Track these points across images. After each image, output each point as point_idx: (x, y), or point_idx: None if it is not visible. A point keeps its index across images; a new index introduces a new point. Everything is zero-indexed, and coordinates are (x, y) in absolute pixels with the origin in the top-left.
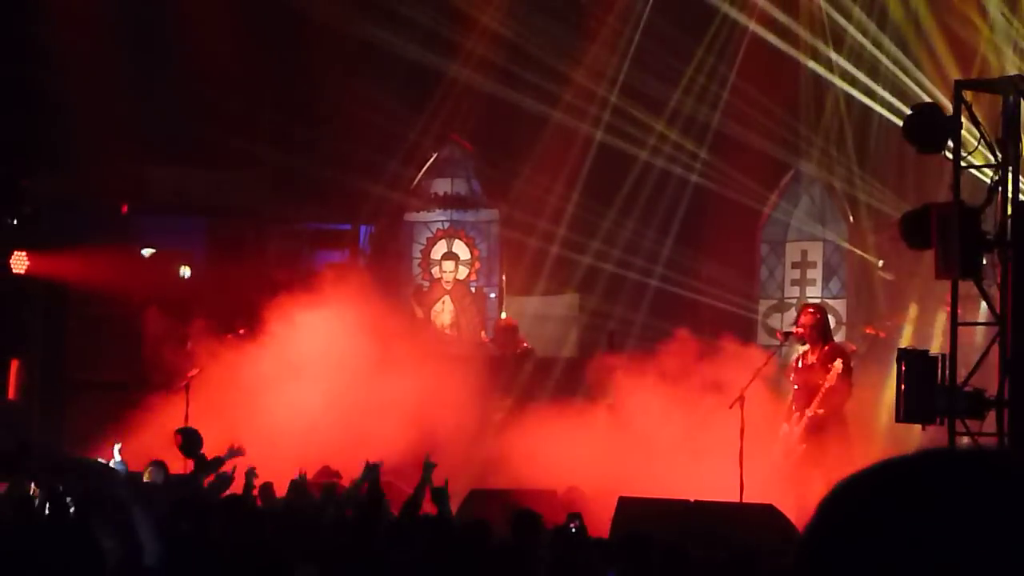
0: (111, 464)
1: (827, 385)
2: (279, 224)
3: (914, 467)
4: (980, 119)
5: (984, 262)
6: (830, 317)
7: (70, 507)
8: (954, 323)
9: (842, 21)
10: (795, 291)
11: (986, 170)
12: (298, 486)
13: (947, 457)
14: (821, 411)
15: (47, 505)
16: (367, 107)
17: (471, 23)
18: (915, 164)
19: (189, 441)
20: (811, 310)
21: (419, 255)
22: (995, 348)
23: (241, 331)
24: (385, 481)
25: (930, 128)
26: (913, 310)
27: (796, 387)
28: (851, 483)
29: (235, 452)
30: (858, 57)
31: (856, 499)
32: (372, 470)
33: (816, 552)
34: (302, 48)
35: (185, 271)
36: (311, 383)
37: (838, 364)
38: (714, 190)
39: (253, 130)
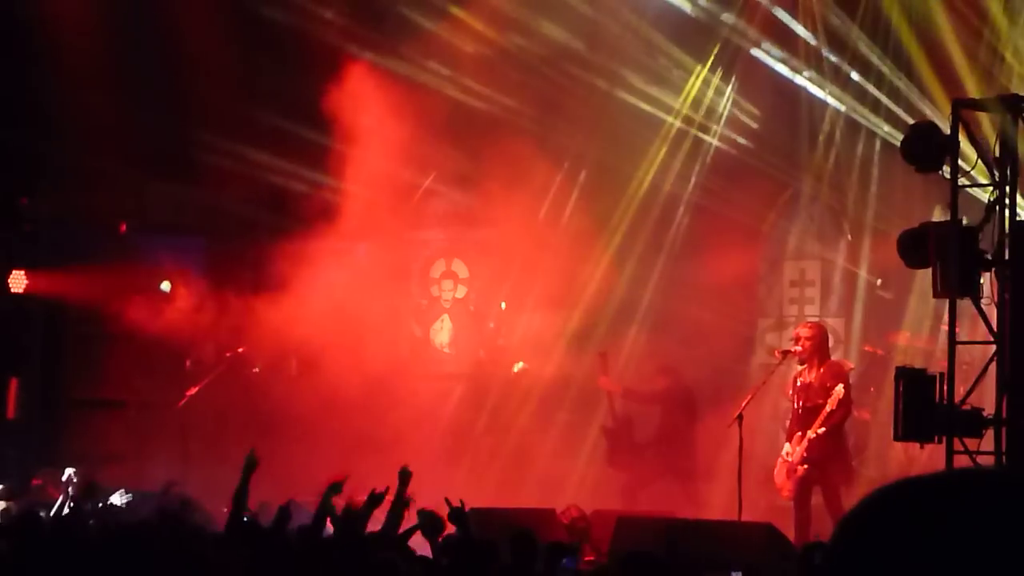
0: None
1: (828, 409)
2: (278, 243)
3: (939, 486)
4: (978, 138)
5: (982, 281)
6: (829, 336)
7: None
8: (951, 342)
9: (841, 39)
10: (793, 309)
11: (984, 189)
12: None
13: (972, 477)
14: (822, 430)
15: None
16: (367, 126)
17: (470, 40)
18: (913, 183)
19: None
20: (810, 327)
21: (418, 274)
22: (992, 366)
23: (240, 349)
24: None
25: (928, 147)
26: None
27: (796, 406)
28: (877, 499)
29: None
30: (857, 75)
31: (882, 516)
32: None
33: (843, 563)
34: (301, 64)
35: (166, 285)
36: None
37: (839, 390)
38: (712, 208)
39: (251, 148)
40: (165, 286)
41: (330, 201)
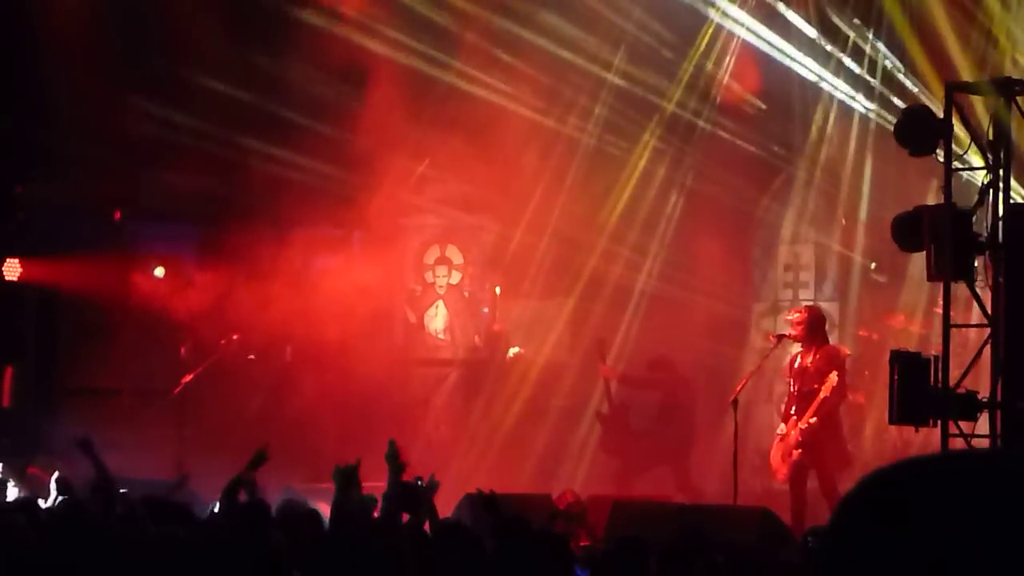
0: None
1: (821, 396)
2: (273, 230)
3: (935, 468)
4: (971, 121)
5: (976, 264)
6: (826, 319)
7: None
8: (946, 325)
9: (835, 23)
10: (788, 293)
11: (977, 172)
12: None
13: (967, 459)
14: (815, 420)
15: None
16: (359, 112)
17: (464, 28)
18: (907, 167)
19: None
20: (800, 311)
21: (412, 260)
22: (987, 349)
23: (235, 337)
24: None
25: (921, 131)
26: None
27: (792, 389)
28: (873, 482)
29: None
30: (850, 59)
31: (878, 499)
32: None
33: (840, 545)
34: (295, 52)
35: (159, 271)
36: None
37: (833, 377)
38: (706, 193)
39: (246, 135)
40: (159, 272)
41: (324, 188)
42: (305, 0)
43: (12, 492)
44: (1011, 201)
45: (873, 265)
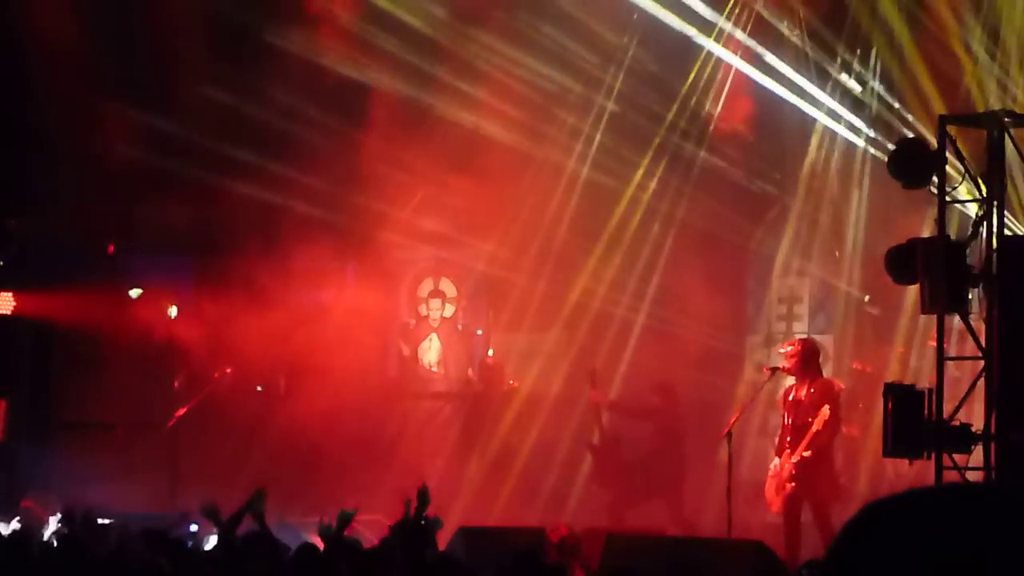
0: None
1: (814, 430)
2: (266, 263)
3: (929, 501)
4: (965, 154)
5: (970, 296)
6: (820, 352)
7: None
8: (940, 358)
9: (829, 56)
10: (781, 326)
11: (971, 205)
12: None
13: (962, 492)
14: (808, 453)
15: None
16: (352, 144)
17: (456, 60)
18: (901, 199)
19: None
20: (794, 344)
21: (406, 293)
22: (981, 382)
23: (228, 370)
24: (373, 520)
25: (915, 163)
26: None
27: (786, 422)
28: (867, 516)
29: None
30: (842, 91)
31: (878, 529)
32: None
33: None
34: (286, 85)
35: (173, 310)
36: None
37: (826, 411)
38: (700, 225)
39: (239, 168)
40: (134, 293)
41: (318, 221)
42: (299, 28)
43: (5, 525)
44: (1004, 233)
45: (867, 298)
